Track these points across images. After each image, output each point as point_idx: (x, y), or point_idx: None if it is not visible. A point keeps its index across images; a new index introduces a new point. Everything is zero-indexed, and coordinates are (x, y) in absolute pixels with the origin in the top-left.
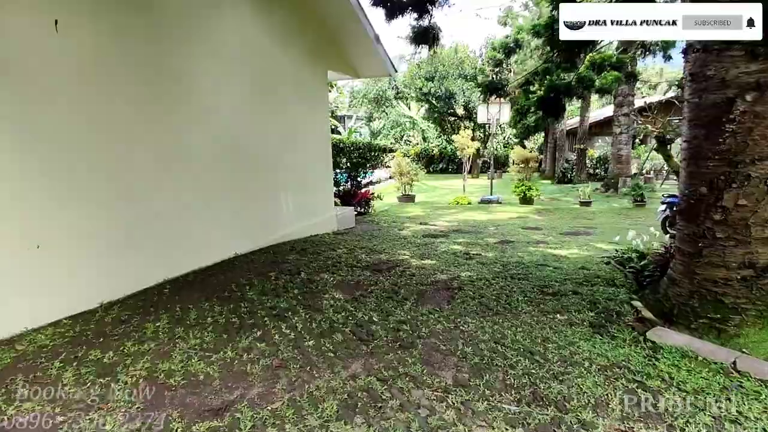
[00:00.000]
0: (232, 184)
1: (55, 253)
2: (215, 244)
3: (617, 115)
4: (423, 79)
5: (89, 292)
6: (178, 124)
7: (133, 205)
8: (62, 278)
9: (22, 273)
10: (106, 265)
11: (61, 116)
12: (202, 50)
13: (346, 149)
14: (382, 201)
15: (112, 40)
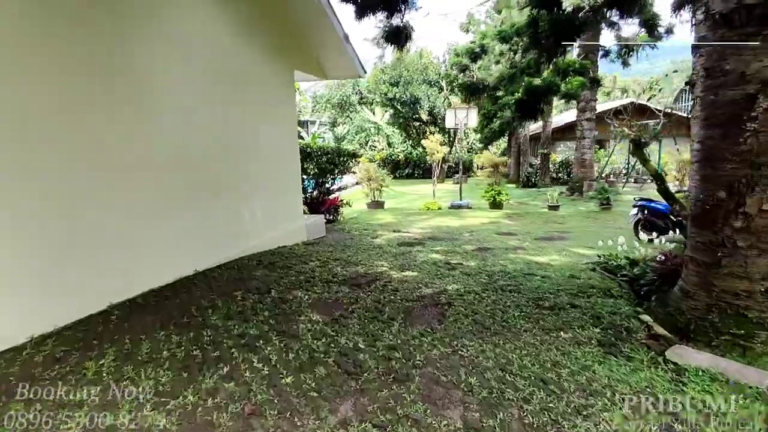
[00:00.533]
0: (192, 193)
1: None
2: (172, 260)
3: (580, 120)
4: (388, 84)
5: (15, 324)
6: (128, 126)
7: (73, 221)
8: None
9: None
10: (38, 292)
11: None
12: (156, 44)
13: (314, 154)
14: (351, 208)
15: (43, 26)
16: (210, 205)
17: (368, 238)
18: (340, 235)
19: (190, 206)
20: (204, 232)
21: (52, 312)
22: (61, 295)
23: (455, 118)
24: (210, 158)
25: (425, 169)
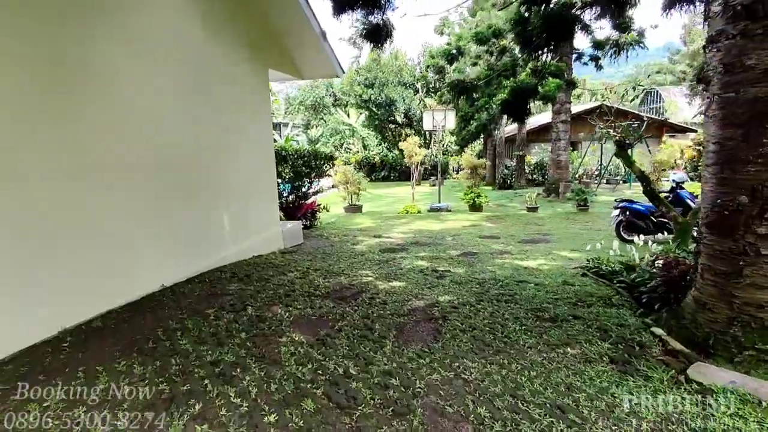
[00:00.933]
0: (158, 201)
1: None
2: (137, 275)
3: (556, 122)
4: (362, 85)
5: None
6: (88, 128)
7: (20, 232)
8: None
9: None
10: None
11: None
12: (122, 40)
13: (289, 157)
14: (329, 212)
15: (4, 26)
16: (179, 212)
17: (349, 245)
18: (319, 241)
19: (157, 214)
20: (172, 242)
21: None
22: (6, 321)
23: (433, 120)
24: (179, 161)
25: (401, 172)
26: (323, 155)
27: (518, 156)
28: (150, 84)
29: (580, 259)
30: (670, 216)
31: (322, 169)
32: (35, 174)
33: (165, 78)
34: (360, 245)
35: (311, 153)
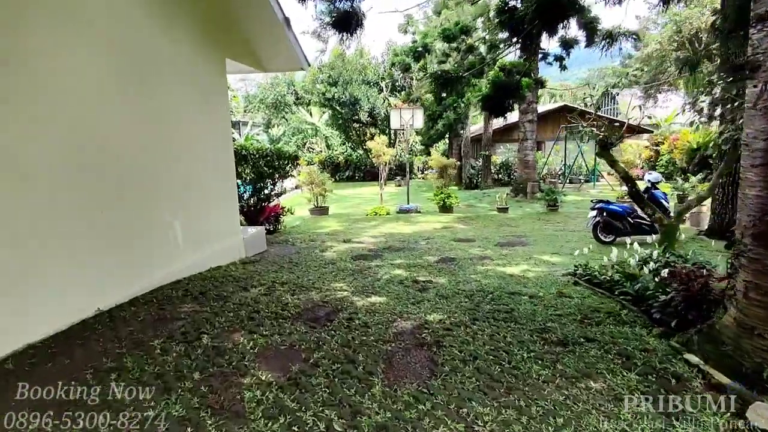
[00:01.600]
0: (90, 210)
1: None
2: (66, 298)
3: (522, 121)
4: (326, 83)
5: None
6: (10, 125)
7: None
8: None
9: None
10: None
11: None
12: (48, 20)
13: (250, 157)
14: (293, 215)
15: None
16: (120, 220)
17: (317, 251)
18: (285, 248)
19: (95, 226)
20: (112, 256)
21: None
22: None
23: (400, 118)
24: (120, 162)
25: (366, 172)
26: (287, 155)
27: (485, 156)
28: (85, 75)
29: (565, 265)
30: (655, 218)
31: (286, 169)
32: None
33: (103, 68)
34: (329, 252)
35: (274, 152)
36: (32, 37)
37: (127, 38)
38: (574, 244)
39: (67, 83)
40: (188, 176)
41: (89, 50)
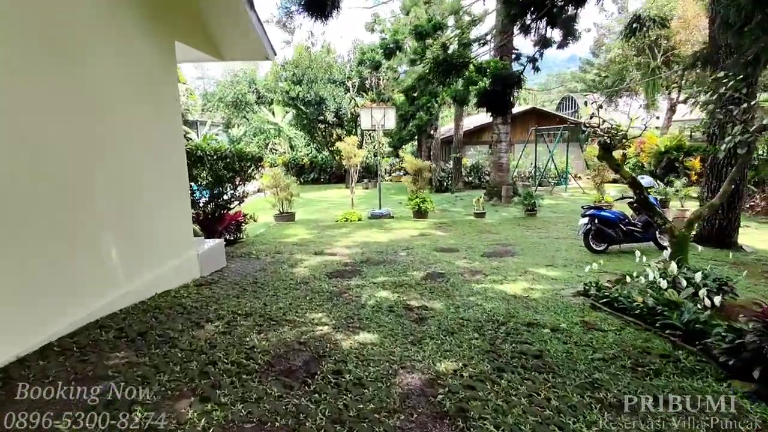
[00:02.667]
0: None
1: None
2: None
3: (496, 123)
4: (289, 81)
5: None
6: None
7: None
8: None
9: None
10: None
11: None
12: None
13: (207, 158)
14: (257, 222)
15: None
16: (37, 243)
17: (286, 267)
18: (248, 263)
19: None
20: (13, 286)
21: None
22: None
23: (371, 118)
24: (36, 168)
25: (332, 174)
26: (249, 156)
27: (455, 158)
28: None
29: (567, 281)
30: (665, 228)
31: (249, 172)
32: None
33: (11, 45)
34: (300, 267)
35: (235, 153)
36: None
37: (44, 10)
38: (565, 253)
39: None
40: (127, 179)
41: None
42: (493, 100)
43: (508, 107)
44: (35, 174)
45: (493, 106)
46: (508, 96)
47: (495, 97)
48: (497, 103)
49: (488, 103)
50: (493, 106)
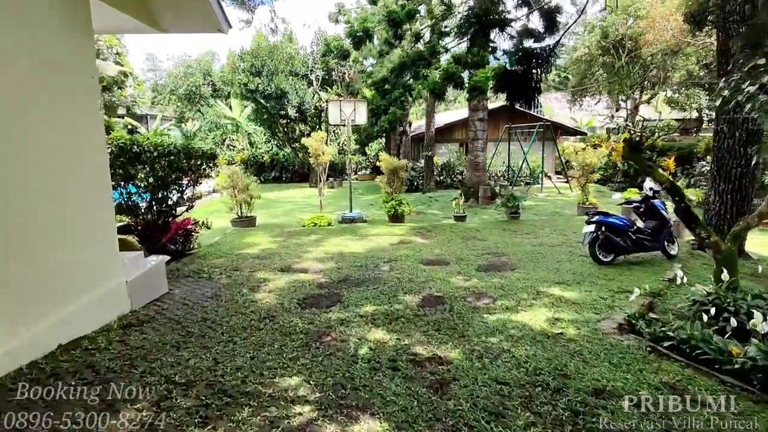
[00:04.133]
0: None
1: None
2: None
3: (473, 119)
4: (247, 73)
5: None
6: None
7: None
8: None
9: None
10: None
11: None
12: None
13: (147, 155)
14: (211, 229)
15: None
16: None
17: (245, 292)
18: (196, 286)
19: None
20: None
21: None
22: None
23: (341, 112)
24: None
25: (294, 172)
26: (200, 152)
27: (427, 156)
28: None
29: (592, 305)
30: (710, 242)
31: (200, 171)
32: None
33: None
34: (263, 292)
35: (182, 149)
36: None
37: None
38: (569, 265)
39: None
40: (21, 183)
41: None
42: (512, 82)
43: (532, 92)
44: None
45: (514, 91)
46: (532, 77)
47: (515, 79)
48: (518, 87)
49: (507, 87)
50: (513, 91)
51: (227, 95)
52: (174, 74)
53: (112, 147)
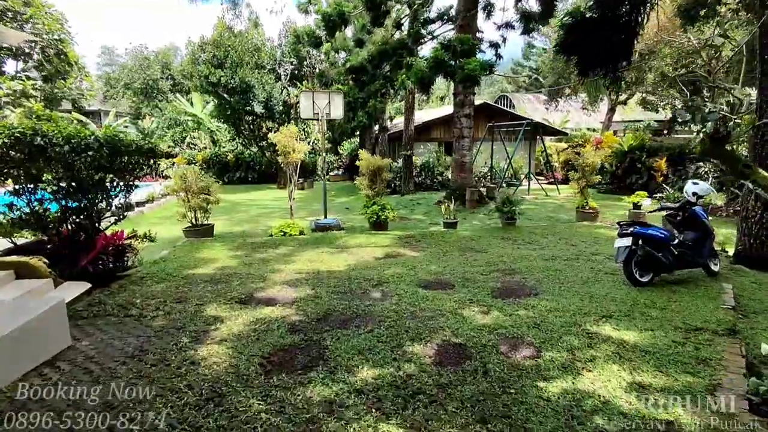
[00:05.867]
0: None
1: None
2: None
3: (459, 115)
4: (209, 64)
5: None
6: None
7: None
8: None
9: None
10: None
11: None
12: None
13: (54, 149)
14: (156, 242)
15: None
16: None
17: (185, 343)
18: (115, 335)
19: None
20: None
21: None
22: None
23: (313, 105)
24: None
25: (261, 173)
26: (133, 147)
27: (406, 156)
28: None
29: (671, 356)
30: None
31: (135, 171)
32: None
33: None
34: (211, 344)
35: (105, 142)
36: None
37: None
38: (601, 288)
39: None
40: None
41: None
42: (591, 38)
43: (620, 54)
44: None
45: (592, 53)
46: (624, 29)
47: (596, 32)
48: (600, 46)
49: (582, 47)
50: (591, 53)
51: (188, 90)
52: (129, 66)
53: (1, 137)
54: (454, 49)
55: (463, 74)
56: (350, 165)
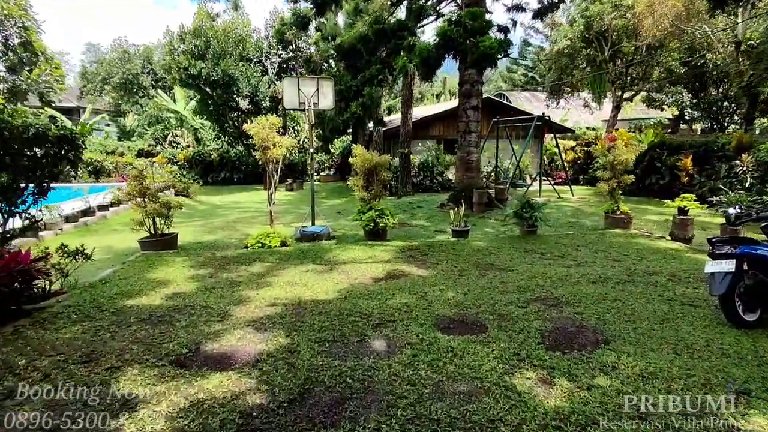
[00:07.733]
0: None
1: None
2: None
3: (465, 108)
4: (188, 55)
5: None
6: None
7: None
8: None
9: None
10: None
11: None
12: None
13: None
14: (93, 259)
15: None
16: None
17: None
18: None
19: None
20: None
21: None
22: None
23: (299, 94)
24: None
25: (248, 173)
26: (42, 132)
27: (403, 154)
28: None
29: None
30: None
31: (46, 168)
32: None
33: None
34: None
35: None
36: None
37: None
38: (693, 330)
39: None
40: None
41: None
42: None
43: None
44: None
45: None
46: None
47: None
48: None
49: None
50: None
51: (171, 86)
52: (108, 60)
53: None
54: (465, 26)
55: (478, 53)
56: (342, 164)
